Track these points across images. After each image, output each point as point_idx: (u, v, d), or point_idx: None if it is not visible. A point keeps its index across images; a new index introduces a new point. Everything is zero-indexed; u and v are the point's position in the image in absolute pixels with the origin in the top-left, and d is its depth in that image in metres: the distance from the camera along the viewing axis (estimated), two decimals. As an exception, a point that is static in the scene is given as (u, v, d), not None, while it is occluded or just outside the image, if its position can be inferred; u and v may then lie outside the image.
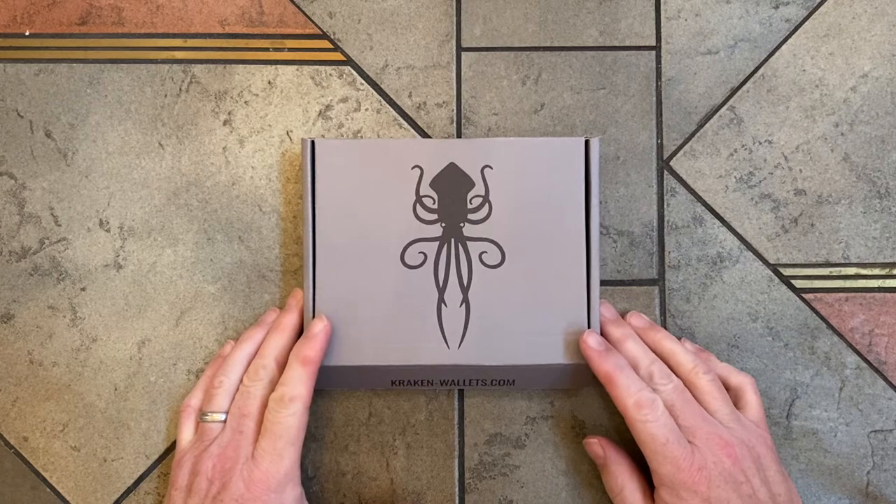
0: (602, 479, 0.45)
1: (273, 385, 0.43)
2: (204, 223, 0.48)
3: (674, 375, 0.43)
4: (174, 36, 0.49)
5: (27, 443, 0.47)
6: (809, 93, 0.49)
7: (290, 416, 0.41)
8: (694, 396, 0.42)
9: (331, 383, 0.46)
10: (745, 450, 0.41)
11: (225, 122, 0.48)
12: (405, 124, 0.49)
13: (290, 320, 0.44)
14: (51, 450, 0.47)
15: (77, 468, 0.47)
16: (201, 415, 0.43)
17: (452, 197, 0.44)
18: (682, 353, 0.44)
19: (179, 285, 0.48)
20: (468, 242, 0.44)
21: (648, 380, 0.42)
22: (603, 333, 0.44)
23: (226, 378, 0.44)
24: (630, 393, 0.41)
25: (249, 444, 0.41)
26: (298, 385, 0.42)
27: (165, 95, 0.48)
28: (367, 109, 0.49)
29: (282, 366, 0.43)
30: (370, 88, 0.49)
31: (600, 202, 0.48)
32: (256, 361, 0.43)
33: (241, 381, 0.43)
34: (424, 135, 0.49)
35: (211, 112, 0.48)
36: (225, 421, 0.43)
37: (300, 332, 0.44)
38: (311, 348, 0.42)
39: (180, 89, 0.48)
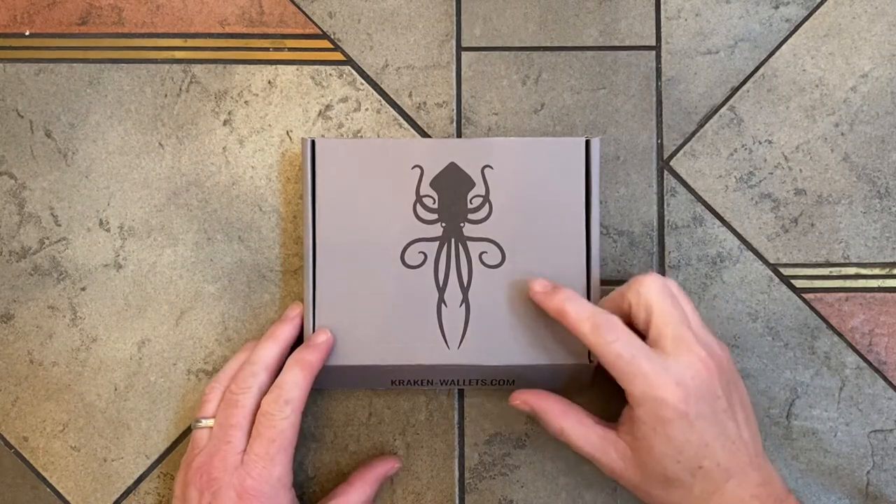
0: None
1: (262, 394, 0.42)
2: (204, 223, 0.48)
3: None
4: (174, 36, 0.49)
5: (27, 443, 0.47)
6: (809, 93, 0.49)
7: (284, 419, 0.40)
8: None
9: (331, 383, 0.46)
10: (717, 364, 0.39)
11: (225, 122, 0.48)
12: (405, 124, 0.49)
13: (284, 331, 0.44)
14: (51, 450, 0.47)
15: (77, 468, 0.47)
16: (194, 421, 0.43)
17: (453, 197, 0.44)
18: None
19: (179, 285, 0.48)
20: (468, 242, 0.44)
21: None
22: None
23: (218, 385, 0.43)
24: (583, 318, 0.40)
25: (237, 453, 0.40)
26: (294, 389, 0.41)
27: (165, 95, 0.48)
28: (367, 109, 0.49)
29: (272, 374, 0.42)
30: (370, 88, 0.49)
31: (600, 202, 0.48)
32: (245, 368, 0.42)
33: (229, 388, 0.42)
34: (424, 135, 0.49)
35: (211, 112, 0.48)
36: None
37: (294, 344, 0.44)
38: (313, 354, 0.42)
39: (180, 89, 0.48)
